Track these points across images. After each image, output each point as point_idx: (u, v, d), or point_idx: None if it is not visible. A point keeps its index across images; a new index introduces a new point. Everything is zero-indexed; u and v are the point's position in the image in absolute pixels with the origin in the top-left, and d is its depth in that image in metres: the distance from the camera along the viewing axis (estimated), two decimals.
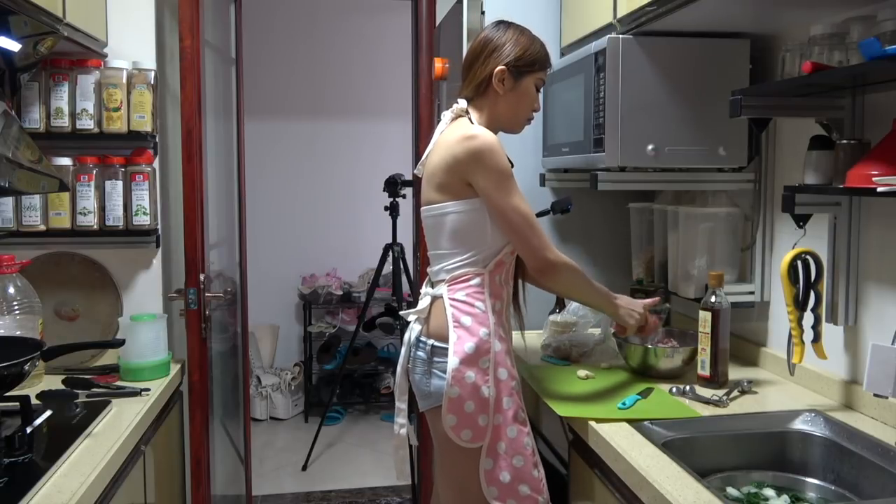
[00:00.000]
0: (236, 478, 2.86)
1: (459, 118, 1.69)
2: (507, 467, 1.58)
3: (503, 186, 1.57)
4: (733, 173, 1.96)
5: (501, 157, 1.58)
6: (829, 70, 1.39)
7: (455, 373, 1.56)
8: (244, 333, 2.94)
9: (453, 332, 1.59)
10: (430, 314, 1.65)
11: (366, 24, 4.83)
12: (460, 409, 1.56)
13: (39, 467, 1.35)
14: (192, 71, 2.01)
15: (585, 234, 2.48)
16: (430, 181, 1.66)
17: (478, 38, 1.70)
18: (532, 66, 1.67)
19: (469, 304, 1.60)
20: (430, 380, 1.61)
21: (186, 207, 2.04)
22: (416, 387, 1.67)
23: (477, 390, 1.56)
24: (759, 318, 2.01)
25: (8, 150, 1.66)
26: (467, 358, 1.57)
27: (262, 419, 4.47)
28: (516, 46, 1.66)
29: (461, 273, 1.62)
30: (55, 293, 2.12)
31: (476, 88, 1.68)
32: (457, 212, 1.61)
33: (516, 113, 1.71)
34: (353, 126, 4.86)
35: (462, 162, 1.57)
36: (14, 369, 1.48)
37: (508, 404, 1.60)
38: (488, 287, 1.62)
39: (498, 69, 1.64)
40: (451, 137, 1.62)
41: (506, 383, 1.60)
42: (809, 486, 1.49)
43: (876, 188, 1.25)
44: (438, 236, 1.65)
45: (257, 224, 4.12)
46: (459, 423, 1.57)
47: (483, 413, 1.57)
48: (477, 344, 1.58)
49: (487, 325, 1.60)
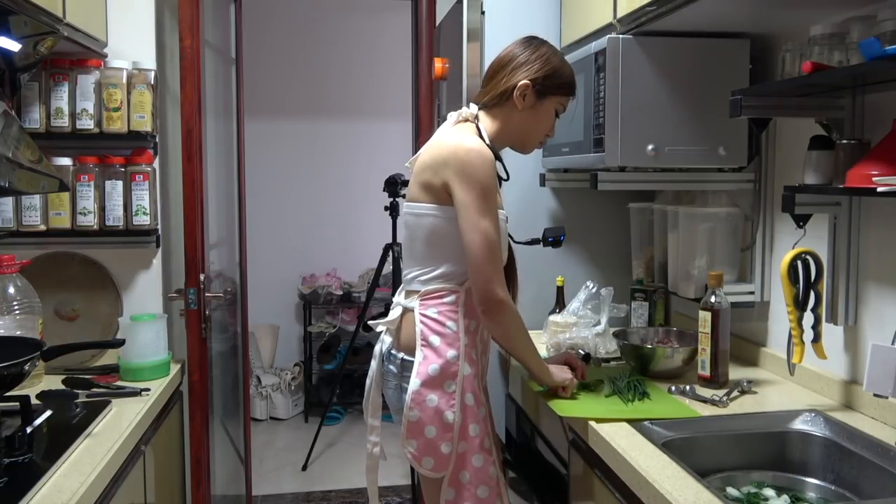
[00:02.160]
0: (236, 478, 2.86)
1: (465, 122, 1.64)
2: (470, 498, 1.52)
3: (479, 204, 1.49)
4: (733, 173, 1.96)
5: (488, 173, 1.51)
6: (829, 70, 1.39)
7: (415, 395, 1.50)
8: (244, 333, 2.94)
9: (420, 351, 1.53)
10: (401, 326, 1.59)
11: (366, 24, 4.84)
12: (420, 433, 1.49)
13: (39, 467, 1.35)
14: (192, 71, 2.01)
15: (585, 234, 2.48)
16: (417, 178, 1.61)
17: (508, 49, 1.65)
18: (558, 88, 1.64)
19: (440, 323, 1.54)
20: (401, 394, 1.56)
21: (186, 207, 2.04)
22: (390, 401, 1.63)
23: (440, 415, 1.49)
24: (759, 318, 2.01)
25: (8, 150, 1.66)
26: (430, 380, 1.50)
27: (262, 419, 4.47)
28: (546, 65, 1.61)
29: (435, 289, 1.56)
30: (55, 293, 2.12)
31: (495, 97, 1.62)
32: (435, 216, 1.55)
33: (530, 132, 1.66)
34: (353, 126, 4.86)
35: (447, 167, 1.52)
36: (14, 369, 1.47)
37: (475, 431, 1.53)
38: (463, 306, 1.55)
39: (522, 83, 1.59)
40: (449, 139, 1.57)
41: (472, 409, 1.53)
42: (809, 486, 1.49)
43: (876, 188, 1.25)
44: (415, 238, 1.60)
45: (257, 224, 4.13)
46: (420, 449, 1.50)
47: (446, 440, 1.50)
48: (442, 366, 1.51)
49: (457, 346, 1.53)
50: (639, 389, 1.69)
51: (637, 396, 1.66)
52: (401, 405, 1.55)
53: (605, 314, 2.10)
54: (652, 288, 2.29)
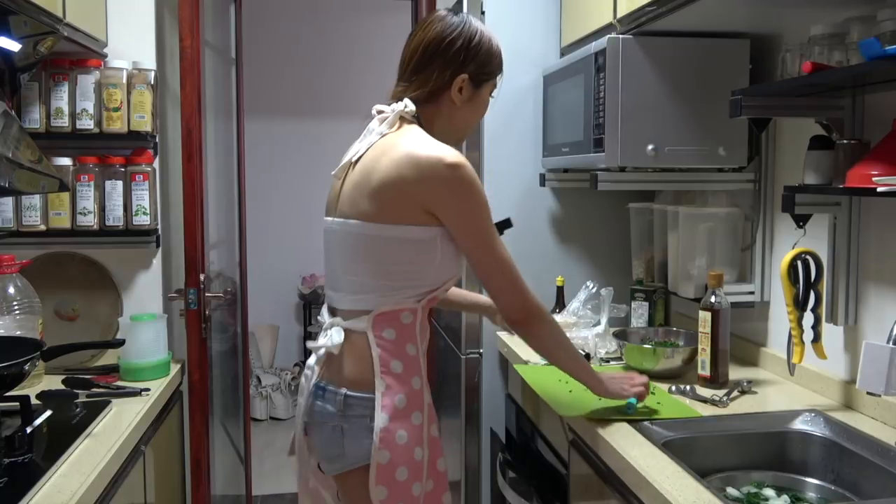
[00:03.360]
0: (236, 478, 2.86)
1: (407, 123, 1.40)
2: None
3: (488, 229, 1.35)
4: (733, 173, 1.96)
5: (481, 187, 1.35)
6: (829, 70, 1.39)
7: (384, 433, 1.28)
8: (244, 333, 2.94)
9: (381, 381, 1.30)
10: (344, 354, 1.34)
11: (365, 23, 4.84)
12: (391, 478, 1.28)
13: (39, 467, 1.34)
14: (192, 71, 2.01)
15: (585, 234, 2.48)
16: (366, 190, 1.34)
17: (432, 33, 1.40)
18: (492, 73, 1.46)
19: (399, 347, 1.33)
20: (343, 439, 1.31)
21: (186, 207, 2.04)
22: (322, 447, 1.36)
23: (409, 453, 1.30)
24: (759, 318, 2.01)
25: (8, 150, 1.66)
26: (398, 413, 1.30)
27: (262, 419, 4.47)
28: (480, 50, 1.41)
29: (391, 309, 1.33)
30: (55, 293, 2.11)
31: (426, 94, 1.41)
32: (402, 238, 1.32)
33: (469, 122, 1.49)
34: (352, 125, 4.80)
35: (436, 193, 1.30)
36: (14, 369, 1.47)
37: (442, 465, 1.38)
38: (419, 325, 1.37)
39: (459, 77, 1.40)
40: (419, 151, 1.32)
41: (437, 441, 1.37)
42: (809, 486, 1.49)
43: (876, 188, 1.25)
44: (365, 260, 1.34)
45: (257, 224, 4.12)
46: (391, 496, 1.29)
47: (416, 481, 1.31)
48: (408, 395, 1.32)
49: (419, 371, 1.35)
50: None
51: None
52: (339, 452, 1.32)
53: (605, 314, 2.10)
54: (652, 288, 2.28)
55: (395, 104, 1.41)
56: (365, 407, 1.30)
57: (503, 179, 2.39)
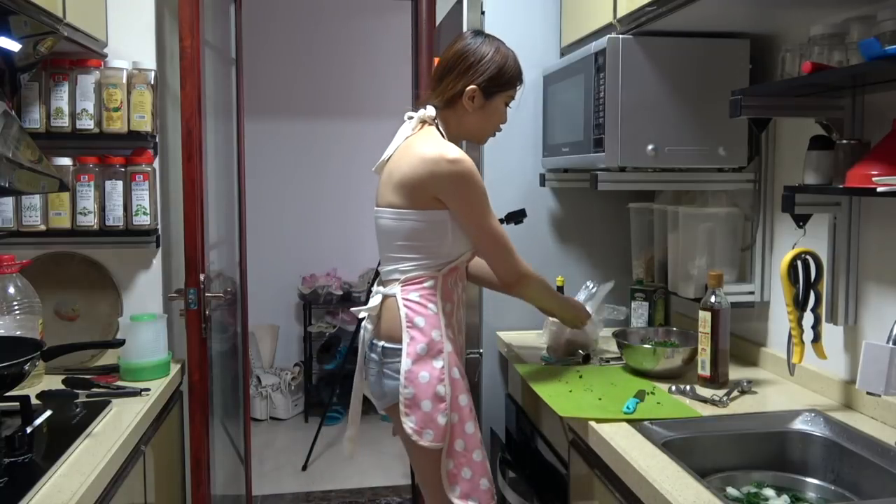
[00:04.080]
0: (236, 478, 2.86)
1: (427, 125, 1.72)
2: (467, 463, 1.62)
3: (483, 210, 1.65)
4: (733, 173, 1.96)
5: (480, 181, 1.64)
6: (829, 70, 1.39)
7: (408, 374, 1.60)
8: (244, 333, 2.94)
9: (406, 333, 1.62)
10: (381, 314, 1.69)
11: (366, 23, 4.83)
12: (417, 407, 1.59)
13: (39, 467, 1.35)
14: (192, 71, 2.01)
15: (585, 234, 2.48)
16: (392, 185, 1.66)
17: (453, 49, 1.71)
18: (503, 85, 1.70)
19: (422, 306, 1.64)
20: (383, 380, 1.67)
21: (186, 207, 2.04)
22: (371, 388, 1.74)
23: (432, 388, 1.60)
24: (759, 318, 2.01)
25: (8, 150, 1.66)
26: (419, 359, 1.61)
27: (262, 419, 4.47)
28: (490, 66, 1.67)
29: (415, 275, 1.66)
30: (55, 293, 2.12)
31: (444, 101, 1.71)
32: (417, 220, 1.63)
33: (483, 129, 1.76)
34: (352, 126, 4.86)
35: (441, 183, 1.60)
36: (14, 369, 1.48)
37: (464, 401, 1.64)
38: (440, 289, 1.66)
39: (469, 88, 1.67)
40: (426, 150, 1.62)
41: (459, 382, 1.64)
42: (809, 486, 1.49)
43: (876, 188, 1.25)
44: (393, 240, 1.67)
45: (257, 224, 4.12)
46: (419, 423, 1.59)
47: (441, 412, 1.59)
48: (429, 344, 1.62)
49: (439, 326, 1.64)
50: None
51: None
52: (382, 392, 1.67)
53: (596, 301, 2.09)
54: (652, 288, 2.29)
55: (420, 110, 1.73)
56: (396, 355, 1.63)
57: (503, 179, 2.39)
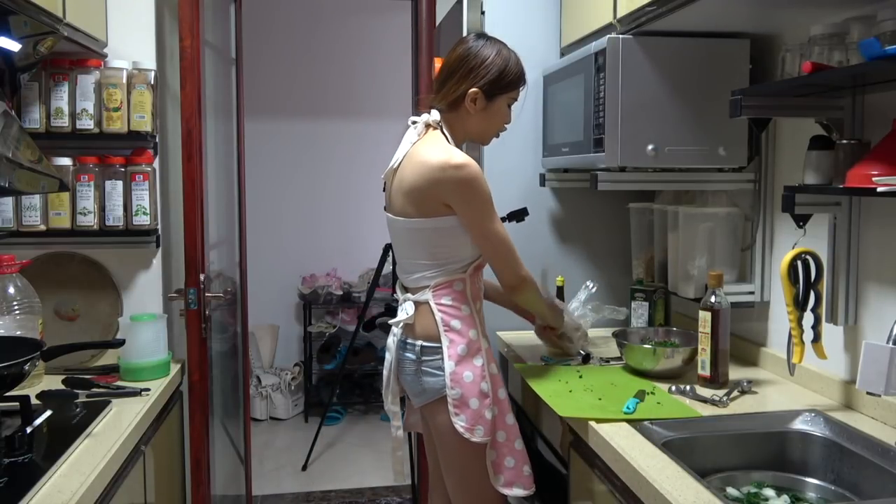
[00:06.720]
0: (236, 478, 2.86)
1: (432, 129, 1.72)
2: (510, 452, 1.68)
3: (487, 214, 1.66)
4: (733, 173, 1.96)
5: (486, 184, 1.65)
6: (829, 70, 1.39)
7: (453, 375, 1.64)
8: (244, 333, 2.94)
9: (444, 337, 1.66)
10: (416, 319, 1.71)
11: (366, 23, 4.83)
12: (466, 406, 1.64)
13: (39, 467, 1.35)
14: (192, 71, 2.01)
15: (585, 234, 2.48)
16: (403, 193, 1.68)
17: (455, 53, 1.72)
18: (505, 87, 1.71)
19: (456, 308, 1.68)
20: (422, 377, 1.69)
21: (186, 207, 2.04)
22: (408, 386, 1.75)
23: (477, 386, 1.64)
24: (759, 318, 2.01)
25: (8, 150, 1.66)
26: (461, 359, 1.65)
27: (262, 419, 4.47)
28: (491, 68, 1.68)
29: (444, 280, 1.68)
30: (55, 293, 2.12)
31: (447, 104, 1.72)
32: (435, 228, 1.65)
33: (486, 130, 1.77)
34: (353, 126, 4.86)
35: (447, 189, 1.61)
36: (14, 369, 1.47)
37: (503, 394, 1.71)
38: (469, 290, 1.71)
39: (471, 91, 1.68)
40: (431, 157, 1.63)
41: (497, 376, 1.71)
42: (809, 486, 1.49)
43: (876, 188, 1.25)
44: (415, 248, 1.70)
45: (257, 224, 4.12)
46: (470, 420, 1.63)
47: (487, 407, 1.65)
48: (468, 345, 1.66)
49: (475, 325, 1.70)
50: None
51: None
52: (422, 388, 1.69)
53: (582, 298, 2.12)
54: (652, 288, 2.29)
55: (425, 114, 1.74)
56: (435, 353, 1.66)
57: (503, 179, 2.39)
